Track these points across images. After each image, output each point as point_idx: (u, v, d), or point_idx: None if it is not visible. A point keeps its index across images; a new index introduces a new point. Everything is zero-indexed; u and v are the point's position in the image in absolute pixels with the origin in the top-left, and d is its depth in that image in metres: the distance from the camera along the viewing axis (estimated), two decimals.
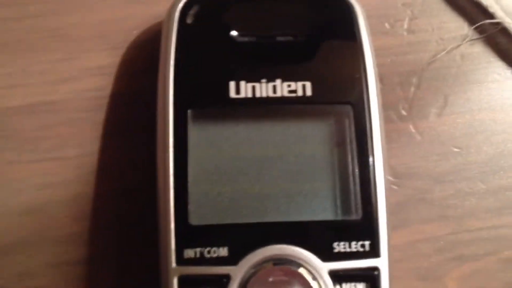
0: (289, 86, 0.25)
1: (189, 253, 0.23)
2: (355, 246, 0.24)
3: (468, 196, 0.29)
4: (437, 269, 0.29)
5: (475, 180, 0.30)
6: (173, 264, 0.23)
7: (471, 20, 0.31)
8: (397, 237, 0.29)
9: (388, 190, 0.27)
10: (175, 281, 0.23)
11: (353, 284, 0.23)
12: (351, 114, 0.25)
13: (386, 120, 0.30)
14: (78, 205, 0.28)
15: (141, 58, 0.30)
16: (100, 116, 0.29)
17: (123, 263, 0.27)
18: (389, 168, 0.29)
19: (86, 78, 0.30)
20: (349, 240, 0.24)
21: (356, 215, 0.24)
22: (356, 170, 0.25)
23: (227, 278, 0.23)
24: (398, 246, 0.29)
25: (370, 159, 0.25)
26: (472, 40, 0.31)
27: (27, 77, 0.29)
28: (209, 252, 0.23)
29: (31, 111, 0.29)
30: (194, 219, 0.23)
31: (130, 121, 0.29)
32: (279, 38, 0.26)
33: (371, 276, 0.23)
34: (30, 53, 0.30)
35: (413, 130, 0.30)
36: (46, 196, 0.28)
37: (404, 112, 0.30)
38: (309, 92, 0.25)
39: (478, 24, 0.31)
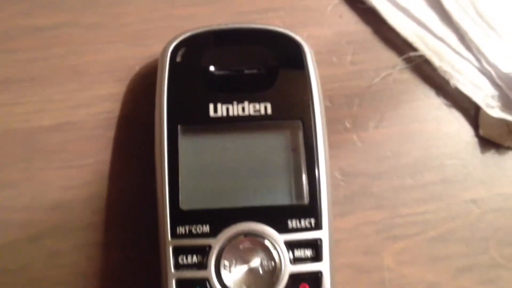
0: (254, 106, 0.31)
1: (180, 229, 0.29)
2: (303, 223, 0.30)
3: (400, 190, 0.35)
4: (376, 246, 0.34)
5: (405, 177, 0.35)
6: (169, 238, 0.29)
7: (400, 53, 0.37)
8: (344, 222, 0.35)
9: (336, 185, 0.34)
10: (170, 250, 0.29)
11: (302, 250, 0.30)
12: (301, 127, 0.31)
13: (335, 131, 0.36)
14: (95, 201, 0.34)
15: (142, 88, 0.35)
16: (111, 133, 0.35)
17: (130, 245, 0.34)
18: (338, 168, 0.35)
19: (99, 104, 0.35)
20: (299, 218, 0.30)
21: (305, 201, 0.30)
22: (305, 169, 0.31)
23: (209, 247, 0.29)
24: (345, 229, 0.34)
25: (315, 160, 0.31)
26: (402, 68, 0.37)
27: (53, 103, 0.35)
28: (195, 228, 0.29)
29: (57, 129, 0.35)
30: (184, 205, 0.30)
31: (133, 137, 0.35)
32: (246, 71, 0.32)
33: (315, 244, 0.30)
34: (55, 85, 0.35)
35: (356, 139, 0.36)
36: (70, 195, 0.34)
37: (349, 125, 0.36)
38: (269, 111, 0.31)
39: (406, 56, 0.36)
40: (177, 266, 0.29)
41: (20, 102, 0.35)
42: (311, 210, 0.30)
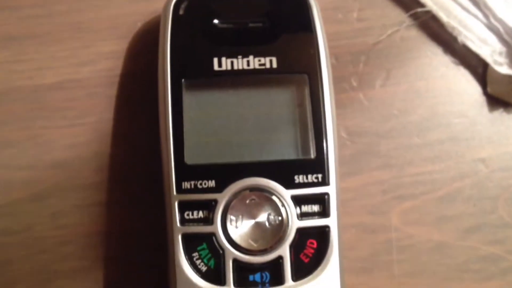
0: (259, 60, 0.30)
1: (186, 184, 0.29)
2: (310, 178, 0.29)
3: (407, 149, 0.35)
4: (383, 206, 0.34)
5: (412, 136, 0.35)
6: (174, 193, 0.29)
7: (407, 9, 0.36)
8: (351, 181, 0.34)
9: (343, 143, 0.33)
10: (176, 205, 0.29)
11: (309, 205, 0.30)
12: (308, 81, 0.30)
13: (341, 90, 0.35)
14: (97, 160, 0.34)
15: (143, 44, 0.35)
16: (113, 90, 0.35)
17: (134, 203, 0.33)
18: (344, 128, 0.35)
19: (102, 61, 0.35)
20: (306, 173, 0.29)
21: (312, 156, 0.30)
22: (312, 123, 0.30)
23: (214, 202, 0.29)
24: (352, 188, 0.34)
25: (322, 114, 0.30)
26: (409, 25, 0.36)
27: (56, 61, 0.35)
28: (200, 184, 0.29)
29: (59, 87, 0.34)
30: (189, 160, 0.29)
31: (136, 93, 0.34)
32: (251, 24, 0.31)
33: (322, 199, 0.29)
34: (57, 42, 0.35)
35: (362, 98, 0.35)
36: (72, 154, 0.34)
37: (355, 84, 0.36)
38: (275, 65, 0.30)
39: (412, 12, 0.36)
40: (183, 221, 0.29)
41: (22, 60, 0.34)
42: (318, 165, 0.29)
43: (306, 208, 0.29)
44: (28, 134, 0.34)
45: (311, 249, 0.29)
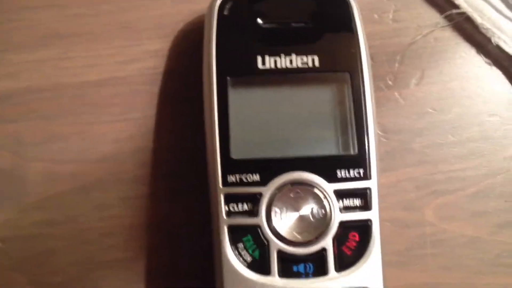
0: (302, 59, 0.31)
1: (231, 178, 0.30)
2: (352, 173, 0.30)
3: (441, 146, 0.35)
4: (417, 201, 0.35)
5: (446, 134, 0.36)
6: (220, 186, 0.30)
7: (441, 11, 0.37)
8: (386, 177, 0.35)
9: (378, 140, 0.33)
10: (222, 197, 0.30)
11: (351, 199, 0.30)
12: (349, 79, 0.31)
13: (377, 89, 0.36)
14: (141, 154, 0.35)
15: (186, 43, 0.36)
16: (156, 88, 0.36)
17: (176, 197, 0.34)
18: (380, 125, 0.36)
19: (146, 59, 0.36)
20: (348, 168, 0.30)
21: (353, 151, 0.31)
22: (353, 120, 0.31)
23: (259, 195, 0.30)
24: (387, 184, 0.35)
25: (363, 111, 0.31)
26: (443, 26, 0.37)
27: (102, 59, 0.36)
28: (245, 177, 0.30)
29: (105, 84, 0.35)
30: (235, 155, 0.30)
31: (178, 91, 0.35)
32: (294, 25, 0.32)
33: (364, 194, 0.30)
34: (103, 41, 0.36)
35: (398, 96, 0.36)
36: (117, 148, 0.35)
37: (390, 83, 0.36)
38: (317, 63, 0.31)
39: (447, 13, 0.37)
40: (229, 213, 0.30)
41: (69, 57, 0.35)
42: (360, 160, 0.30)
43: (348, 202, 0.30)
44: (75, 129, 0.35)
45: (353, 242, 0.29)
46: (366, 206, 0.30)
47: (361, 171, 0.30)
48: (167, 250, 0.34)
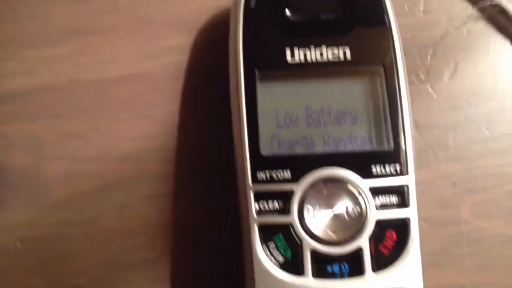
0: (332, 51, 0.30)
1: (261, 175, 0.29)
2: (388, 169, 0.29)
3: (476, 141, 0.34)
4: (452, 199, 0.34)
5: (481, 128, 0.34)
6: (250, 183, 0.29)
7: (473, 2, 0.36)
8: (420, 175, 0.32)
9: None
10: (252, 195, 0.29)
11: (388, 196, 0.29)
12: (383, 72, 0.30)
13: (409, 83, 0.33)
14: (164, 152, 0.34)
15: (210, 38, 0.35)
16: (179, 84, 0.35)
17: (201, 195, 0.33)
18: (412, 121, 0.35)
19: (167, 54, 0.35)
20: (384, 164, 0.29)
21: (389, 147, 0.30)
22: (388, 114, 0.30)
23: (291, 192, 0.29)
24: (421, 182, 0.32)
25: (399, 105, 0.30)
26: (476, 18, 0.36)
27: (121, 54, 0.35)
28: (276, 174, 0.29)
29: (124, 81, 0.34)
30: (264, 151, 0.29)
31: (201, 87, 0.34)
32: (323, 16, 0.31)
33: (401, 190, 0.29)
34: (123, 36, 0.35)
35: (430, 91, 0.35)
36: (139, 146, 0.34)
37: (422, 77, 0.35)
38: (348, 56, 0.30)
39: (480, 5, 0.36)
40: (259, 212, 0.29)
41: (88, 53, 0.34)
42: (397, 156, 0.29)
43: (384, 199, 0.29)
44: (93, 126, 0.34)
45: (390, 241, 0.28)
46: (403, 203, 0.29)
47: (398, 166, 0.29)
48: (192, 250, 0.33)
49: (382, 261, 0.28)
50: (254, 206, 0.28)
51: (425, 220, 0.33)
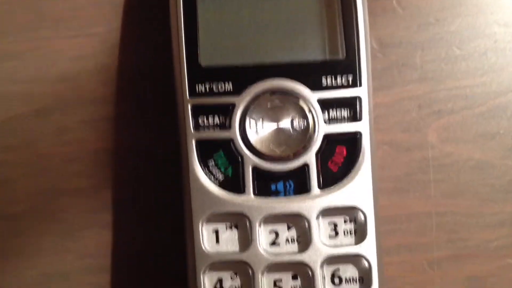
0: None
1: (200, 87, 0.26)
2: (340, 80, 0.27)
3: (445, 60, 0.32)
4: (418, 122, 0.31)
5: (451, 46, 0.32)
6: (187, 96, 0.26)
7: None
8: (383, 96, 0.31)
9: (373, 56, 0.30)
10: (189, 109, 0.26)
11: (338, 110, 0.26)
12: None
13: None
14: (105, 73, 0.31)
15: None
16: None
17: (142, 118, 0.31)
18: (375, 39, 0.32)
19: None
20: (335, 74, 0.26)
21: (341, 55, 0.27)
22: (341, 22, 0.27)
23: (232, 106, 0.26)
24: (384, 104, 0.31)
25: (353, 11, 0.27)
26: None
27: None
28: (216, 86, 0.26)
29: None
30: (204, 61, 0.27)
31: (143, 1, 0.32)
32: None
33: (353, 102, 0.26)
34: None
35: (396, 5, 0.32)
36: (78, 66, 0.31)
37: None
38: None
39: None
40: (197, 126, 0.26)
41: None
42: (349, 65, 0.26)
43: (334, 113, 0.26)
44: (30, 45, 0.31)
45: (340, 157, 0.26)
46: (355, 117, 0.26)
47: (350, 77, 0.26)
48: (136, 178, 0.31)
49: (330, 178, 0.26)
50: (192, 120, 0.26)
51: (388, 144, 0.31)
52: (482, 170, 0.31)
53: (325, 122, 0.26)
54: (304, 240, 0.25)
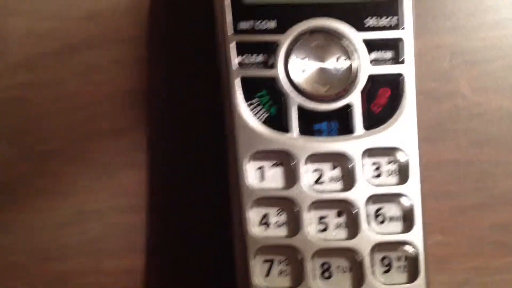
0: None
1: (243, 24, 0.26)
2: (384, 21, 0.26)
3: (478, 10, 0.32)
4: (449, 72, 0.31)
5: None
6: (232, 33, 0.26)
7: None
8: (414, 44, 0.31)
9: None
10: (232, 46, 0.26)
11: (382, 51, 0.26)
12: None
13: None
14: (137, 13, 0.31)
15: None
16: None
17: (175, 57, 0.31)
18: None
19: None
20: (379, 16, 0.26)
21: None
22: None
23: (276, 44, 0.26)
24: (416, 52, 0.30)
25: None
26: None
27: None
28: (260, 23, 0.26)
29: None
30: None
31: None
32: None
33: (396, 44, 0.26)
34: None
35: None
36: (109, 3, 0.30)
37: None
38: None
39: None
40: (241, 64, 0.26)
41: None
42: (392, 7, 0.26)
43: (378, 54, 0.26)
44: None
45: (383, 98, 0.25)
46: (397, 59, 0.26)
47: (394, 19, 0.26)
48: (167, 118, 0.30)
49: (374, 119, 0.26)
50: (236, 58, 0.26)
51: (419, 94, 0.29)
52: (511, 119, 0.31)
53: (370, 62, 0.26)
54: (348, 179, 0.25)
